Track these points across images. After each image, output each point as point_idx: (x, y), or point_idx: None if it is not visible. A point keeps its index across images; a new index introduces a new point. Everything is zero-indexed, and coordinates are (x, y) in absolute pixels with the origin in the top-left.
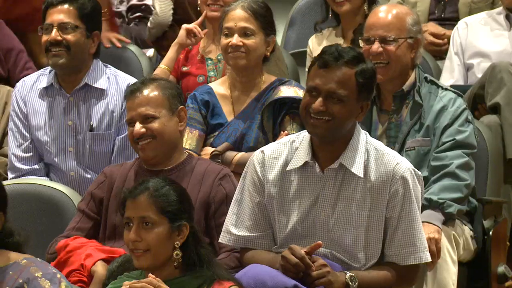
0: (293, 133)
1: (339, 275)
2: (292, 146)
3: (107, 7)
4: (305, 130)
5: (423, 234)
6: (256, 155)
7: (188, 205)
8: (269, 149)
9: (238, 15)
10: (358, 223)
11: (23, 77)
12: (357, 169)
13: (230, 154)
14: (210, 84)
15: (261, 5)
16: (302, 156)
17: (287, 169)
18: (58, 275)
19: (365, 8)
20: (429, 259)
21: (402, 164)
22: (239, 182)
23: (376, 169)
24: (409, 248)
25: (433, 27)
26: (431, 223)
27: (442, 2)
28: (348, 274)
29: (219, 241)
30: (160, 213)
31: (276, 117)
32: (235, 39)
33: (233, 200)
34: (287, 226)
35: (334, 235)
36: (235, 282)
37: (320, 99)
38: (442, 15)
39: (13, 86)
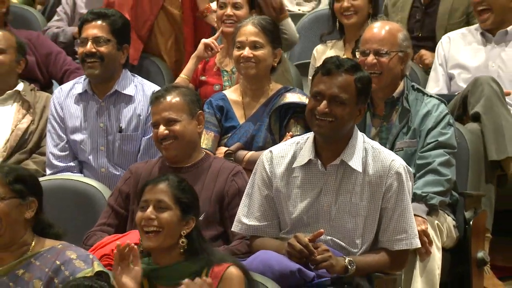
0: (297, 134)
1: (339, 260)
2: (297, 147)
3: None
4: (309, 133)
5: (414, 223)
6: (265, 154)
7: (197, 204)
8: (276, 149)
9: (249, 30)
10: (357, 212)
11: (64, 71)
12: (356, 164)
13: (242, 152)
14: (224, 92)
15: (269, 22)
16: (306, 154)
17: (293, 166)
18: (91, 256)
19: (369, 22)
20: (419, 245)
21: (397, 161)
22: (250, 178)
23: (373, 165)
24: (401, 235)
25: None
26: (417, 215)
27: (419, 23)
28: (347, 259)
29: (232, 230)
30: (175, 201)
31: (282, 120)
32: (246, 52)
33: (244, 194)
34: (294, 215)
35: (336, 223)
36: (235, 263)
37: (324, 102)
38: (420, 33)
39: (49, 87)
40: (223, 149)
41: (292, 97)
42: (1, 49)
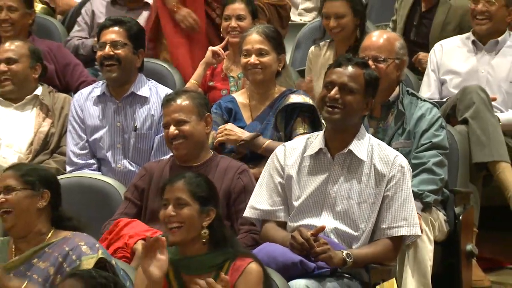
0: (305, 132)
1: (337, 253)
2: (308, 141)
3: None
4: (318, 132)
5: (415, 212)
6: (278, 148)
7: (215, 195)
8: (289, 143)
9: (254, 39)
10: (362, 199)
11: (80, 83)
12: (363, 155)
13: (262, 139)
14: (233, 94)
15: (272, 30)
16: (316, 145)
17: (304, 155)
18: (97, 245)
19: (357, 33)
20: (419, 233)
21: (400, 157)
22: (263, 169)
23: (378, 158)
24: (402, 222)
25: None
26: None
27: (415, 29)
28: (345, 252)
29: (244, 215)
30: (192, 197)
31: (288, 119)
32: (253, 59)
33: (256, 184)
34: (301, 200)
35: (341, 208)
36: (254, 258)
37: (336, 89)
38: (415, 39)
39: (70, 93)
40: (231, 128)
41: (296, 98)
42: (14, 59)
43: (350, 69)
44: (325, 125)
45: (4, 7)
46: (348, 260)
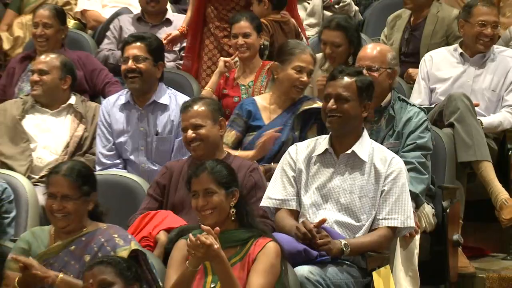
0: None
1: (336, 243)
2: (317, 142)
3: None
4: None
5: (410, 207)
6: (291, 147)
7: (235, 175)
8: (300, 143)
9: (309, 60)
10: (363, 193)
11: (105, 84)
12: (364, 155)
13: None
14: (254, 97)
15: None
16: (323, 146)
17: (312, 155)
18: (129, 236)
19: (349, 60)
20: (413, 225)
21: (397, 158)
22: (278, 165)
23: (378, 158)
24: (396, 215)
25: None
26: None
27: (406, 41)
28: (343, 243)
29: (261, 205)
30: (217, 184)
31: (305, 123)
32: (306, 78)
33: (272, 179)
34: (309, 195)
35: (344, 201)
36: (274, 239)
37: (332, 101)
38: (406, 50)
39: (97, 96)
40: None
41: (312, 104)
42: (45, 70)
43: (343, 80)
44: None
45: (40, 24)
46: (345, 250)
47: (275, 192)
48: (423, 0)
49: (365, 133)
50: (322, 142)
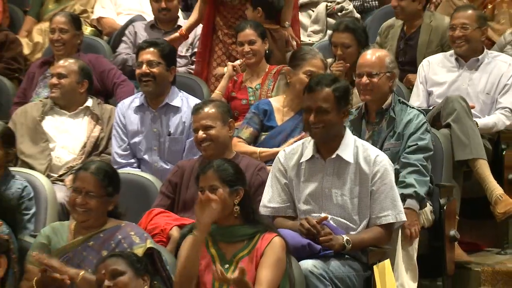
0: None
1: (338, 238)
2: (303, 146)
3: None
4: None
5: (399, 201)
6: (280, 153)
7: (242, 175)
8: (288, 148)
9: (320, 64)
10: (353, 194)
11: (113, 84)
12: (349, 157)
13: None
14: (269, 99)
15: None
16: (309, 152)
17: (300, 161)
18: (145, 235)
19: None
20: (404, 219)
21: (381, 155)
22: (269, 174)
23: (363, 158)
24: (387, 211)
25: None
26: (413, 210)
27: (402, 51)
28: (345, 238)
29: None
30: (222, 181)
31: None
32: None
33: (266, 186)
34: (302, 200)
35: (336, 204)
36: (279, 234)
37: (313, 114)
38: (403, 59)
39: (109, 96)
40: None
41: None
42: (63, 74)
43: (320, 92)
44: None
45: (56, 29)
46: (347, 245)
47: (271, 200)
48: (414, 11)
49: (347, 132)
50: (308, 146)
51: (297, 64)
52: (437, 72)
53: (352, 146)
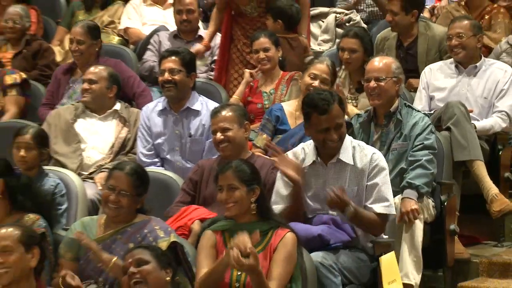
0: None
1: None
2: (303, 152)
3: None
4: (310, 140)
5: (391, 196)
6: None
7: (257, 174)
8: (290, 153)
9: (324, 69)
10: (352, 194)
11: (133, 94)
12: (348, 159)
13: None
14: (282, 103)
15: (333, 64)
16: (311, 157)
17: (302, 166)
18: (169, 229)
19: (365, 66)
20: (394, 212)
21: (377, 153)
22: (276, 178)
23: (360, 158)
24: (383, 203)
25: None
26: (411, 199)
27: (403, 60)
28: (352, 203)
29: None
30: (240, 181)
31: None
32: (317, 84)
33: (274, 191)
34: (307, 201)
35: None
36: (291, 230)
37: (331, 133)
38: (405, 67)
39: (129, 102)
40: None
41: None
42: (93, 80)
43: (333, 111)
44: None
45: (74, 40)
46: (349, 207)
47: (279, 200)
48: (408, 23)
49: (346, 137)
50: (308, 152)
51: (305, 68)
52: (438, 78)
53: (350, 147)
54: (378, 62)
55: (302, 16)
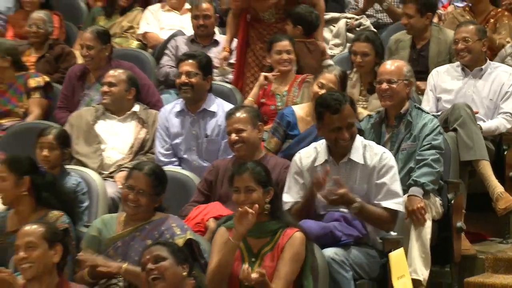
0: None
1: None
2: (316, 150)
3: None
4: (323, 140)
5: (400, 192)
6: (295, 156)
7: (270, 176)
8: (303, 151)
9: (331, 78)
10: (361, 193)
11: (148, 103)
12: (359, 159)
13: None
14: (293, 107)
15: (343, 74)
16: (323, 156)
17: (314, 165)
18: (185, 226)
19: (376, 68)
20: (402, 210)
21: (387, 152)
22: (288, 175)
23: (370, 157)
24: (394, 199)
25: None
26: (417, 196)
27: (416, 61)
28: (358, 199)
29: None
30: (257, 183)
31: None
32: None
33: (285, 188)
34: (319, 198)
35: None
36: (300, 229)
37: (344, 132)
38: (416, 69)
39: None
40: None
41: None
42: (113, 83)
43: (345, 110)
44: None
45: (84, 46)
46: (356, 203)
47: (289, 197)
48: (422, 26)
49: (357, 137)
50: (320, 150)
51: (315, 77)
52: (445, 80)
53: (361, 146)
54: (390, 65)
55: (320, 22)
